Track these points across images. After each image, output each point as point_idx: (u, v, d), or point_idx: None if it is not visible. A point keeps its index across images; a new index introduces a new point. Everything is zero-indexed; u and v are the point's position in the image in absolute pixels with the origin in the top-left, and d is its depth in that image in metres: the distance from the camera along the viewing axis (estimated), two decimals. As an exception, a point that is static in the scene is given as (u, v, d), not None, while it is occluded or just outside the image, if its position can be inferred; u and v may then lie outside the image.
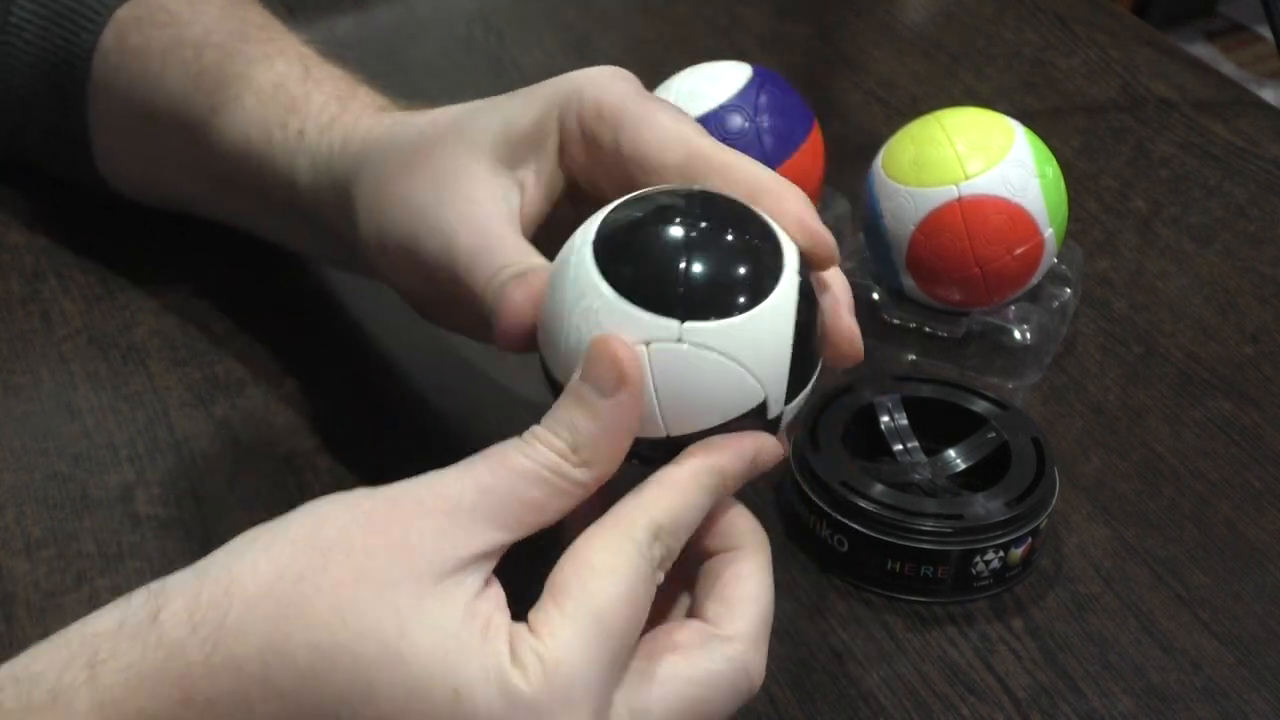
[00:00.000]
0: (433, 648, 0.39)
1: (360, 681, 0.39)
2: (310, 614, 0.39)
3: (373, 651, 0.39)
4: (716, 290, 0.42)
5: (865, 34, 0.94)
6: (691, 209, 0.44)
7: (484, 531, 0.41)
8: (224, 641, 0.39)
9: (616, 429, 0.42)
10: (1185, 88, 0.89)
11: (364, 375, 0.64)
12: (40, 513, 0.56)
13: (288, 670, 0.39)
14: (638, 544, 0.41)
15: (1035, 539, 0.56)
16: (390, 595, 0.39)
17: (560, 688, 0.39)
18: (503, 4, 0.95)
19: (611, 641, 0.40)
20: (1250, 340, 0.70)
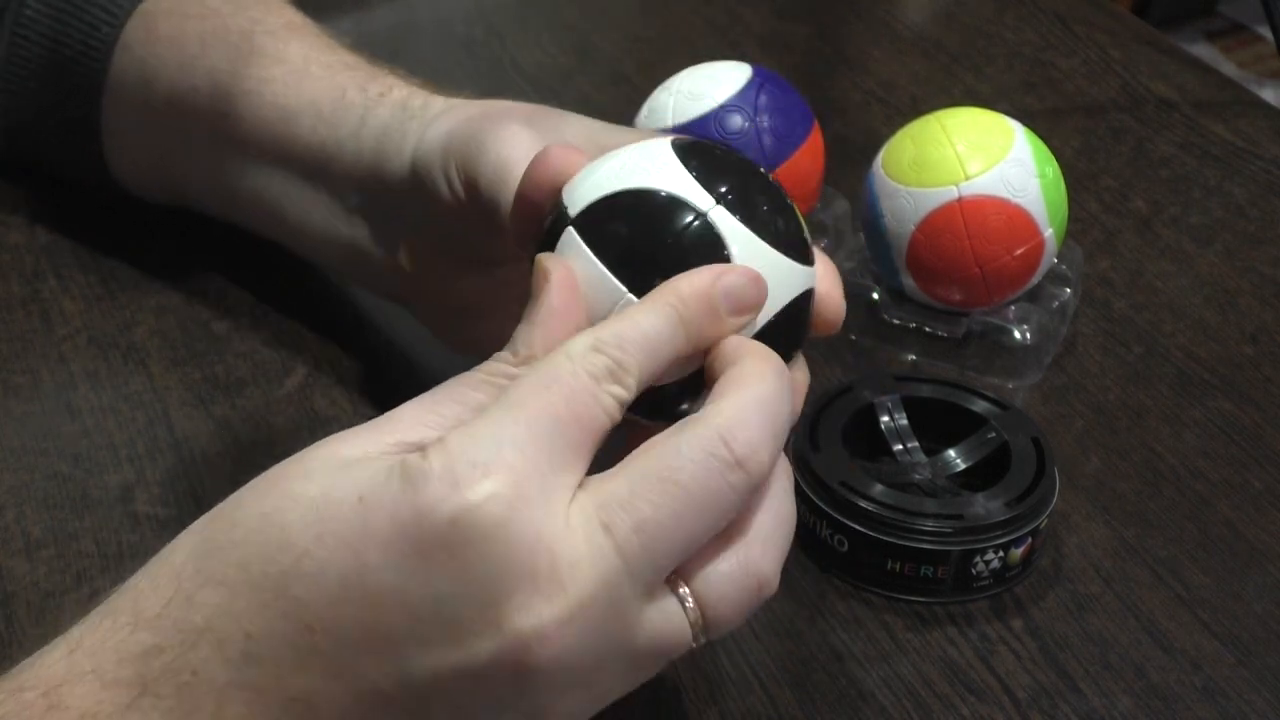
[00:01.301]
0: (333, 471, 0.39)
1: (275, 532, 0.38)
2: (230, 509, 0.40)
3: (281, 503, 0.39)
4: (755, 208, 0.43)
5: (865, 34, 0.94)
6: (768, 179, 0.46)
7: (412, 427, 0.40)
8: (164, 560, 0.40)
9: (549, 317, 0.42)
10: (1185, 88, 0.89)
11: (365, 375, 0.64)
12: (40, 513, 0.56)
13: (214, 555, 0.39)
14: (567, 352, 0.40)
15: (1035, 539, 0.56)
16: (298, 466, 0.40)
17: (461, 455, 0.38)
18: (503, 4, 0.95)
19: (526, 417, 0.39)
20: (1250, 340, 0.70)
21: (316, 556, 0.38)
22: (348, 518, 0.38)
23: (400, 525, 0.38)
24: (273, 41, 0.62)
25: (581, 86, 0.86)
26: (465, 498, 0.37)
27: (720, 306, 0.42)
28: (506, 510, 0.37)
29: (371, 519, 0.38)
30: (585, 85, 0.87)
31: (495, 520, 0.37)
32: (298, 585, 0.38)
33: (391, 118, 0.57)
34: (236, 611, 0.38)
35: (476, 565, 0.37)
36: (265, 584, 0.38)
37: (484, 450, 0.38)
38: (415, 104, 0.57)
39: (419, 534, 0.37)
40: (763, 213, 0.43)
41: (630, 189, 0.43)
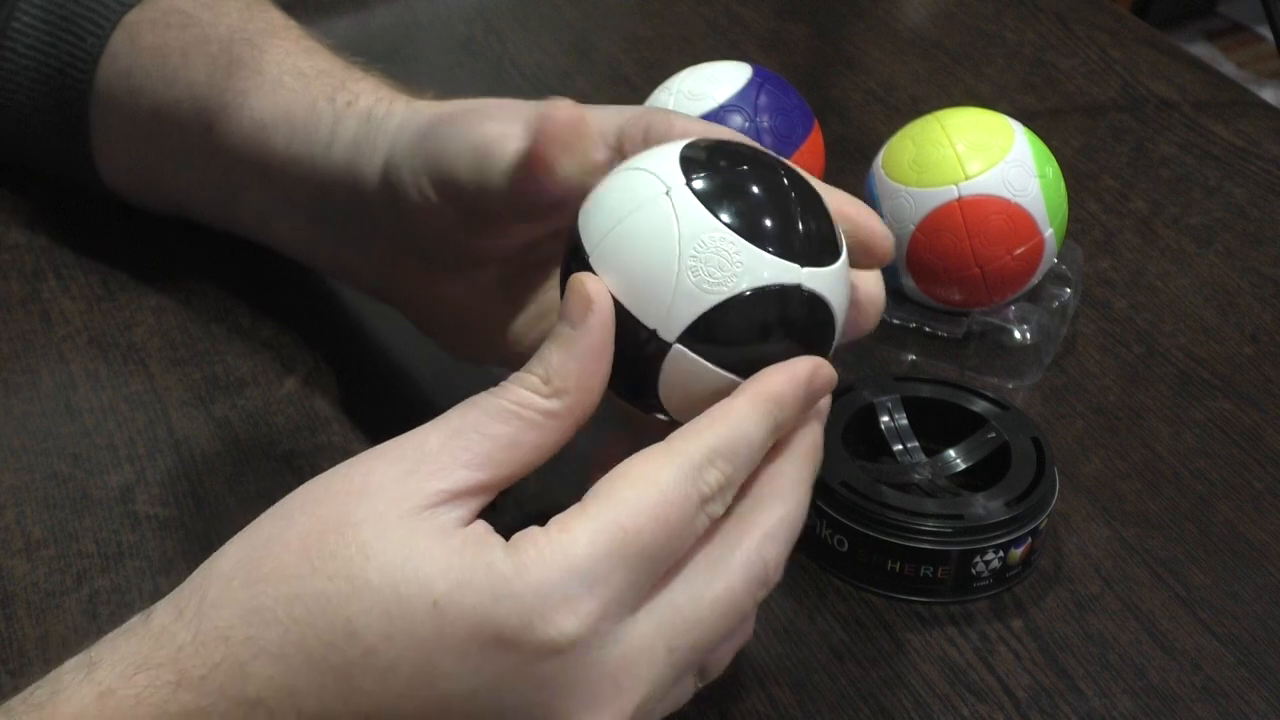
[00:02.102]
0: (403, 567, 0.38)
1: (339, 620, 0.38)
2: (280, 569, 0.39)
3: (343, 588, 0.38)
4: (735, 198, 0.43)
5: (865, 34, 0.94)
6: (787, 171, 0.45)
7: (451, 470, 0.40)
8: (207, 616, 0.39)
9: (586, 353, 0.42)
10: (1185, 88, 0.89)
11: (364, 375, 0.64)
12: (40, 513, 0.56)
13: (270, 627, 0.39)
14: (685, 462, 0.40)
15: (1035, 539, 0.56)
16: (353, 534, 0.39)
17: (558, 581, 0.38)
18: (503, 4, 0.95)
19: (631, 554, 0.39)
20: (1250, 340, 0.70)
21: (385, 655, 0.38)
22: (422, 621, 0.38)
23: (479, 639, 0.38)
24: (250, 51, 0.62)
25: (581, 86, 0.86)
26: (550, 630, 0.38)
27: (807, 403, 0.43)
28: (584, 644, 0.39)
29: (448, 628, 0.38)
30: (585, 85, 0.87)
31: (572, 651, 0.39)
32: (363, 678, 0.38)
33: (359, 130, 0.57)
34: (292, 689, 0.38)
35: (545, 683, 0.39)
36: (326, 669, 0.38)
37: (579, 582, 0.38)
38: (379, 114, 0.57)
39: (495, 649, 0.38)
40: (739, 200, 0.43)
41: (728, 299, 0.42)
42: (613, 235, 0.43)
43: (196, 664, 0.38)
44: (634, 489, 0.40)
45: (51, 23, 0.65)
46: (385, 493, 0.40)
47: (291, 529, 0.40)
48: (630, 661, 0.39)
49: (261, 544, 0.40)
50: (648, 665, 0.40)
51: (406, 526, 0.39)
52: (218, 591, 0.39)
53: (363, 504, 0.40)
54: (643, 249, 0.43)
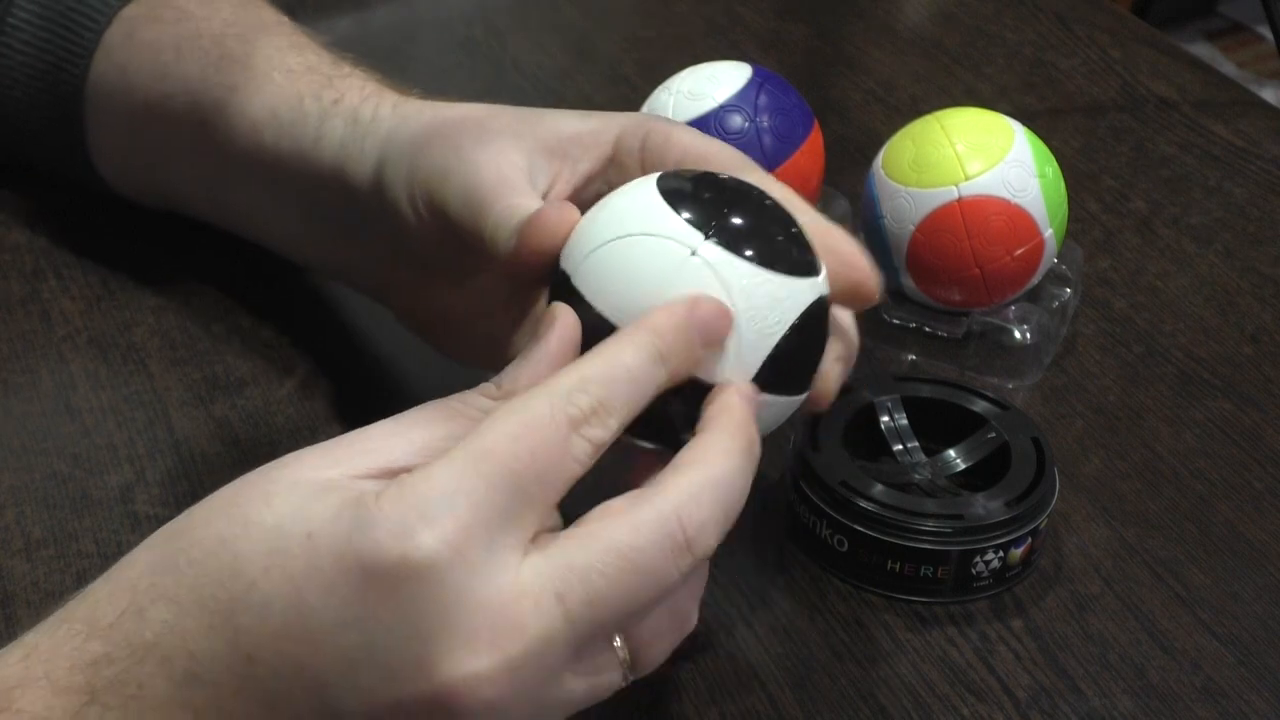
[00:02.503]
0: (292, 506, 0.39)
1: (227, 558, 0.39)
2: (190, 523, 0.40)
3: (237, 530, 0.39)
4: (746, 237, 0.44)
5: (865, 34, 0.94)
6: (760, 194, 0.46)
7: (385, 451, 0.40)
8: (122, 570, 0.41)
9: (541, 360, 0.42)
10: (1185, 88, 0.89)
11: (364, 375, 0.64)
12: (40, 513, 0.56)
13: (169, 570, 0.40)
14: (549, 391, 0.40)
15: (1035, 539, 0.56)
16: (264, 486, 0.40)
17: (413, 505, 0.38)
18: (503, 4, 0.95)
19: (488, 470, 0.39)
20: (1250, 340, 0.70)
21: (263, 589, 0.39)
22: (295, 554, 0.38)
23: (343, 567, 0.38)
24: (241, 46, 0.62)
25: (581, 86, 0.86)
26: (407, 547, 0.38)
27: (695, 338, 0.43)
28: (447, 565, 0.38)
29: (317, 558, 0.38)
30: (585, 85, 0.87)
31: (435, 573, 0.38)
32: (243, 614, 0.39)
33: (345, 132, 0.57)
34: (184, 631, 0.39)
35: (412, 614, 0.38)
36: (214, 607, 0.39)
37: (436, 501, 0.38)
38: (365, 116, 0.57)
39: (359, 578, 0.38)
40: (757, 239, 0.44)
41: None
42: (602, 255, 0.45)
43: (106, 612, 0.40)
44: (495, 419, 0.40)
45: (47, 18, 0.65)
46: (309, 461, 0.41)
47: (213, 496, 0.41)
48: (511, 601, 0.38)
49: (184, 514, 0.41)
50: (534, 611, 0.38)
51: (318, 484, 0.40)
52: (139, 549, 0.41)
53: (283, 470, 0.41)
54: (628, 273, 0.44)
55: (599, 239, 0.44)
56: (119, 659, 0.39)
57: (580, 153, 0.51)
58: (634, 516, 0.40)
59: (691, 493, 0.41)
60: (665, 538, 0.40)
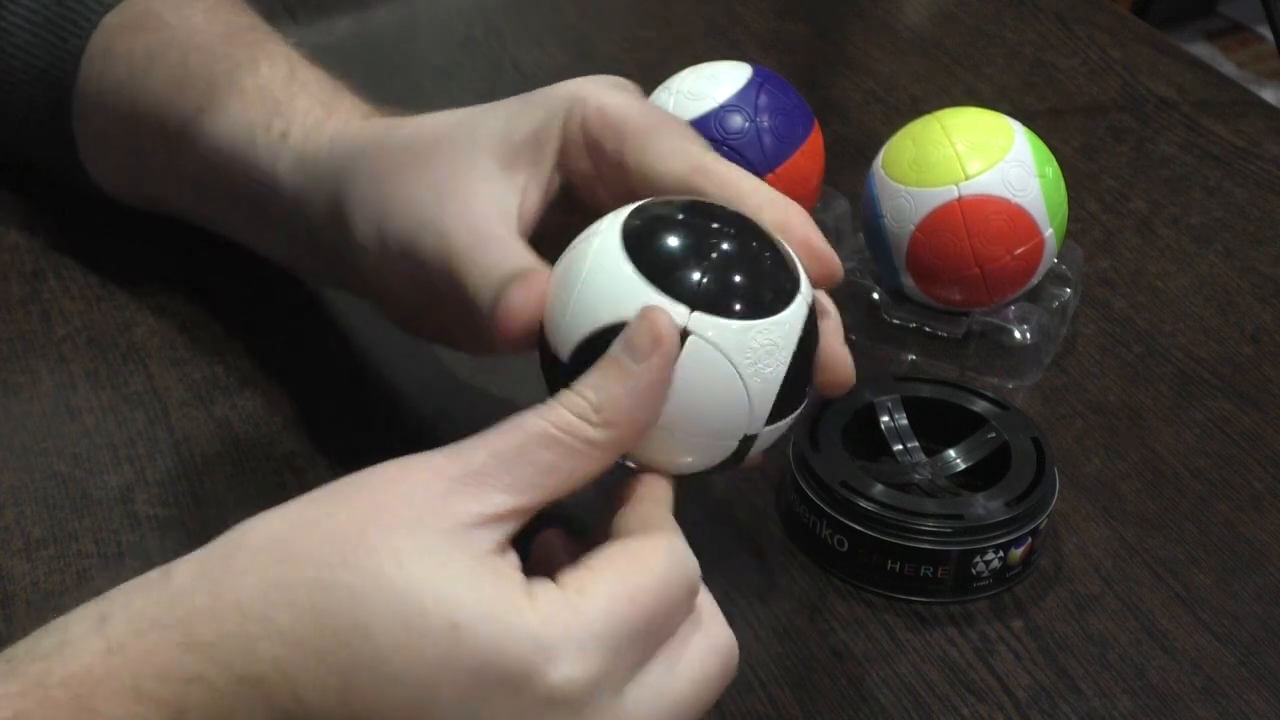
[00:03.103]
0: (432, 583, 0.39)
1: (358, 617, 0.38)
2: (312, 553, 0.39)
3: (370, 587, 0.38)
4: (731, 292, 0.43)
5: (865, 34, 0.94)
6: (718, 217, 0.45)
7: (492, 494, 0.40)
8: (227, 584, 0.39)
9: (643, 390, 0.42)
10: (1185, 88, 0.89)
11: (364, 375, 0.64)
12: (40, 513, 0.56)
13: (288, 608, 0.38)
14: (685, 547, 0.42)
15: (1035, 539, 0.56)
16: (393, 538, 0.39)
17: (574, 629, 0.39)
18: (503, 4, 0.95)
19: (640, 617, 0.40)
20: (1250, 340, 0.70)
21: (394, 664, 0.38)
22: (436, 641, 0.38)
23: (484, 672, 0.38)
24: (203, 61, 0.61)
25: (581, 86, 0.86)
26: (555, 675, 0.38)
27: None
28: (585, 695, 0.39)
29: (459, 652, 0.38)
30: (585, 85, 0.86)
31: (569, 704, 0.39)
32: (365, 680, 0.38)
33: (297, 174, 0.56)
34: (294, 676, 0.38)
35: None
36: (333, 664, 0.38)
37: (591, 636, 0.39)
38: (309, 154, 0.56)
39: (498, 685, 0.38)
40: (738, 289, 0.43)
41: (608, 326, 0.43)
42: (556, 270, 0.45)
43: (207, 630, 0.38)
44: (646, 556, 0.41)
45: (36, 22, 0.65)
46: (429, 506, 0.40)
47: (332, 518, 0.40)
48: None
49: (298, 524, 0.40)
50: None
51: (443, 542, 0.39)
52: (244, 562, 0.39)
53: (404, 511, 0.40)
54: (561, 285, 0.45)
55: (584, 327, 0.43)
56: (217, 684, 0.38)
57: (535, 155, 0.51)
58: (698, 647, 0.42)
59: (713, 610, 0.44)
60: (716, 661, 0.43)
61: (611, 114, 0.50)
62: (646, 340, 0.42)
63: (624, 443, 0.42)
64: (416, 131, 0.53)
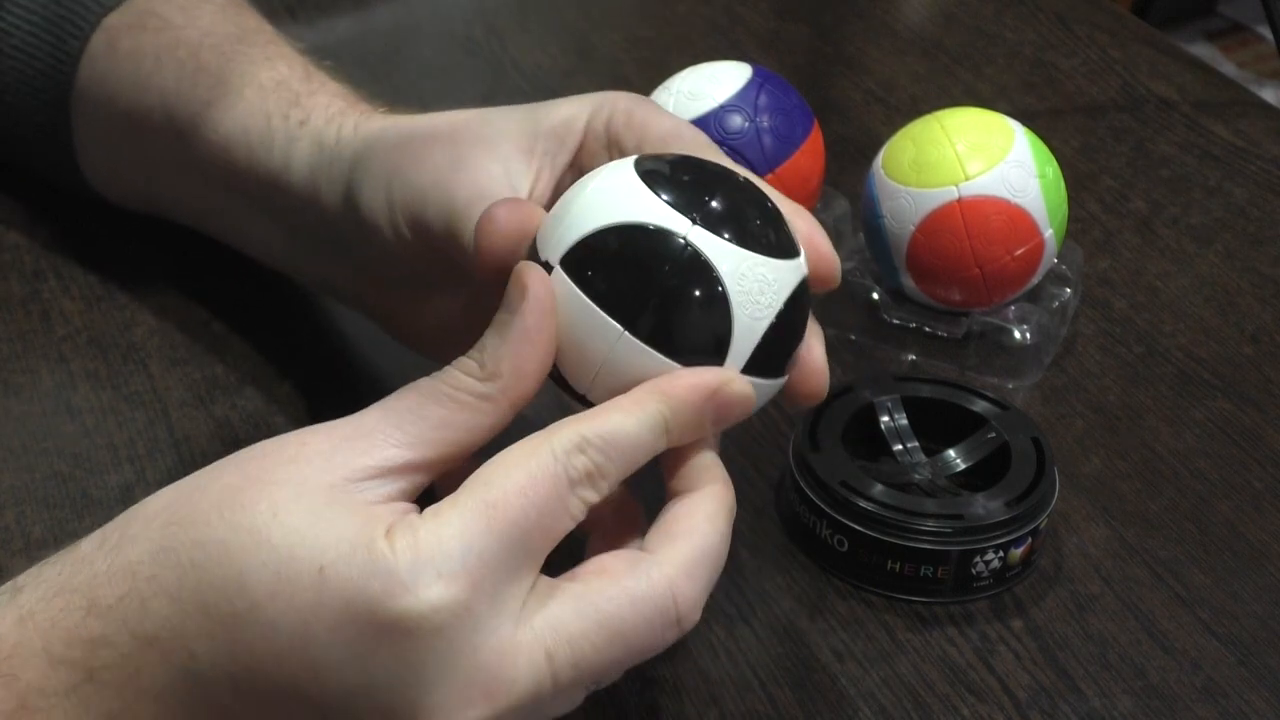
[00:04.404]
0: (302, 530, 0.39)
1: (233, 571, 0.39)
2: (194, 514, 0.40)
3: (244, 540, 0.39)
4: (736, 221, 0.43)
5: (865, 34, 0.94)
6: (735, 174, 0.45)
7: (381, 448, 0.41)
8: (123, 549, 0.40)
9: (520, 337, 0.42)
10: (1185, 88, 0.89)
11: (364, 375, 0.64)
12: (40, 513, 0.56)
13: (173, 567, 0.40)
14: (552, 447, 0.41)
15: (1035, 539, 0.56)
16: (270, 492, 0.40)
17: (427, 557, 0.39)
18: (503, 4, 0.95)
19: (498, 527, 0.39)
20: (1250, 340, 0.70)
21: (268, 612, 0.39)
22: (305, 586, 0.39)
23: (352, 610, 0.39)
24: (216, 58, 0.61)
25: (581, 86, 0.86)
26: (418, 602, 0.39)
27: (708, 418, 0.43)
28: (454, 619, 0.39)
29: (327, 595, 0.39)
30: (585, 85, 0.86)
31: (440, 626, 0.39)
32: (246, 630, 0.39)
33: (313, 156, 0.57)
34: (184, 631, 0.39)
35: (414, 662, 0.39)
36: (216, 616, 0.39)
37: (447, 555, 0.39)
38: (329, 139, 0.56)
39: (367, 622, 0.39)
40: (741, 221, 0.44)
41: (608, 226, 0.43)
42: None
43: (106, 593, 0.40)
44: (501, 470, 0.40)
45: (35, 23, 0.65)
46: (313, 462, 0.41)
47: (218, 480, 0.41)
48: (504, 657, 0.39)
49: (188, 489, 0.41)
50: (526, 666, 0.40)
51: (324, 495, 0.40)
52: (138, 528, 0.41)
53: (289, 468, 0.41)
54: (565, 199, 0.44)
55: (582, 228, 0.43)
56: (118, 643, 0.39)
57: (555, 147, 0.51)
58: (631, 588, 0.41)
59: (686, 567, 0.42)
60: (659, 614, 0.41)
61: (638, 117, 0.50)
62: (515, 293, 0.42)
63: (512, 391, 0.42)
64: (439, 119, 0.54)
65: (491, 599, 0.39)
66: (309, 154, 0.57)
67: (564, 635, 0.40)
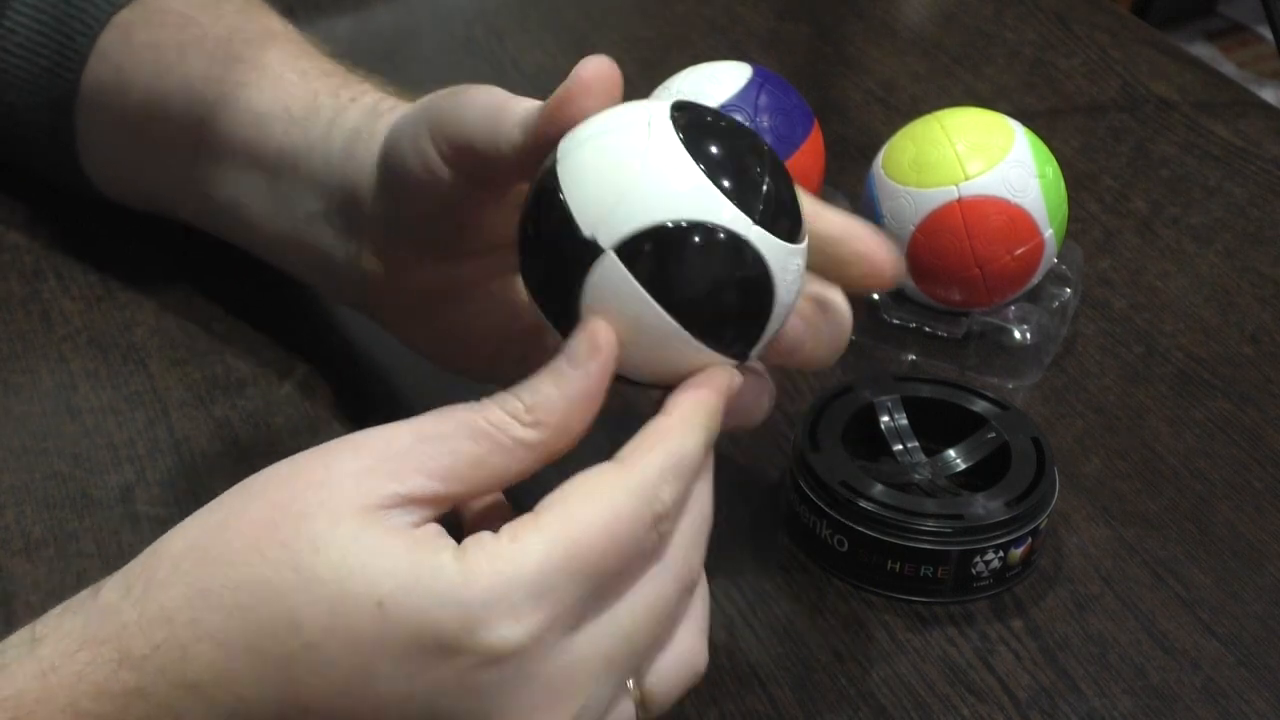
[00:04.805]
0: (351, 563, 0.38)
1: (283, 610, 0.38)
2: (230, 554, 0.39)
3: (290, 578, 0.38)
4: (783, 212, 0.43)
5: (865, 34, 0.94)
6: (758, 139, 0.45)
7: (412, 475, 0.40)
8: (153, 596, 0.39)
9: (578, 396, 0.41)
10: (1185, 88, 0.89)
11: (364, 375, 0.64)
12: (40, 513, 0.56)
13: (214, 612, 0.38)
14: (640, 481, 0.40)
15: (1035, 539, 0.56)
16: (306, 525, 0.39)
17: (503, 591, 0.38)
18: (503, 4, 0.95)
19: (581, 564, 0.39)
20: (1250, 340, 0.70)
21: (326, 651, 0.38)
22: (365, 621, 0.38)
23: (420, 643, 0.38)
24: (250, 49, 0.62)
25: (581, 86, 0.86)
26: (492, 635, 0.38)
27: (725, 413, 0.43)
28: (527, 654, 0.38)
29: (388, 629, 0.38)
30: (585, 85, 0.86)
31: (511, 663, 0.38)
32: (301, 669, 0.38)
33: (361, 120, 0.57)
34: (232, 675, 0.38)
35: (481, 694, 0.38)
36: (267, 658, 0.38)
37: (524, 593, 0.38)
38: (385, 106, 0.57)
39: (435, 654, 0.38)
40: (786, 210, 0.43)
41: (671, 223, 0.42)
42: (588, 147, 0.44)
43: (139, 643, 0.39)
44: (588, 505, 0.39)
45: (43, 21, 0.65)
46: (343, 487, 0.39)
47: (246, 514, 0.40)
48: (571, 676, 0.39)
49: (215, 526, 0.40)
50: (587, 678, 0.39)
51: (359, 522, 0.39)
52: (166, 571, 0.39)
53: (319, 495, 0.39)
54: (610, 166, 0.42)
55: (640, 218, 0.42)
56: (155, 694, 0.38)
57: None
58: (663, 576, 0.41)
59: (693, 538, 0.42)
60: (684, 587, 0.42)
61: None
62: (584, 349, 0.41)
63: (553, 444, 0.41)
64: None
65: (563, 634, 0.39)
66: (355, 121, 0.57)
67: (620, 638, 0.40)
